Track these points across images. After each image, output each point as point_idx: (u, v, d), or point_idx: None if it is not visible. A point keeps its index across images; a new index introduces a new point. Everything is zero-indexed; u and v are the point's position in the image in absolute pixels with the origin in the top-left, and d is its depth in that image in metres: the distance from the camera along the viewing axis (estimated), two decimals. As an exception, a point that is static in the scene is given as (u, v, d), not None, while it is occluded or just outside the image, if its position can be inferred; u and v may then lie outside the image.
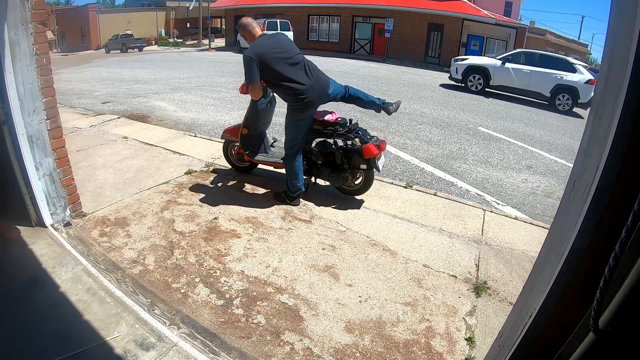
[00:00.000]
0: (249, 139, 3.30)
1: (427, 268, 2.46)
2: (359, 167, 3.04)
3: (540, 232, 3.04)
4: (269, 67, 2.62)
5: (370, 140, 3.00)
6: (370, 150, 2.89)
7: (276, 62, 2.64)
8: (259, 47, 2.64)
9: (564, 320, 0.66)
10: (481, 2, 21.15)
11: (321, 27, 23.43)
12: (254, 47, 2.65)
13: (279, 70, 2.64)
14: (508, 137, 6.50)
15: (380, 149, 2.95)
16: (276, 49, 2.67)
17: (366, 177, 3.13)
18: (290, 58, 2.72)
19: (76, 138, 4.64)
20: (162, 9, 35.86)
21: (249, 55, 2.57)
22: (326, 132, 3.06)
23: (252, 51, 2.60)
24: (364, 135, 3.01)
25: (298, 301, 2.09)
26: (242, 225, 2.83)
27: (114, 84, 9.47)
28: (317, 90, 2.80)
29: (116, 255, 2.41)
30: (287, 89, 2.72)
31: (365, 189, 3.20)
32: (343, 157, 3.05)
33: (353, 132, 3.03)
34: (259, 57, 2.59)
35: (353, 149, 3.00)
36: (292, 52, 2.75)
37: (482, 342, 1.88)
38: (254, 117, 3.21)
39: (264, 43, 2.68)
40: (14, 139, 2.34)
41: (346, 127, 3.04)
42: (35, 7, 2.29)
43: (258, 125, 3.30)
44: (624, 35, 0.56)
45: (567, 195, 0.75)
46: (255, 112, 3.19)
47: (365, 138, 2.99)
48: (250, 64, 2.57)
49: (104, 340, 1.73)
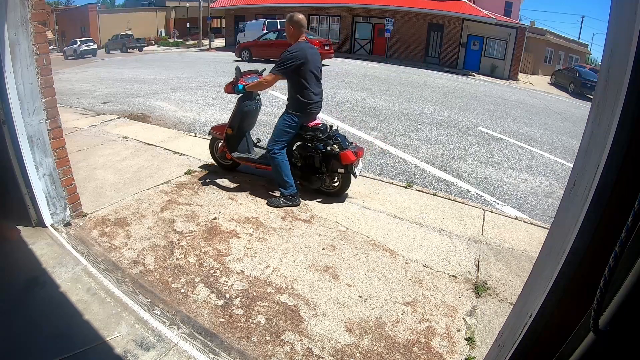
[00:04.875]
0: (233, 138, 3.42)
1: (427, 268, 2.46)
2: (336, 171, 3.16)
3: (540, 232, 3.04)
4: (304, 70, 2.91)
5: (349, 146, 3.09)
6: (347, 157, 3.01)
7: (311, 69, 2.95)
8: (307, 51, 2.92)
9: (564, 320, 0.66)
10: (481, 2, 21.15)
11: (321, 27, 23.41)
12: (304, 48, 2.92)
13: (308, 77, 2.94)
14: (508, 137, 6.50)
15: (358, 156, 3.08)
16: (314, 59, 3.00)
17: (343, 180, 3.23)
18: (318, 73, 3.06)
19: (76, 138, 4.64)
20: (162, 9, 35.88)
21: (298, 52, 2.86)
22: (306, 137, 3.15)
23: (302, 51, 2.89)
24: (343, 141, 3.11)
25: (298, 301, 2.09)
26: (242, 225, 2.83)
27: (114, 84, 9.47)
28: (319, 106, 3.13)
29: (116, 255, 2.41)
30: (303, 95, 2.97)
31: (342, 191, 3.30)
32: (322, 161, 3.15)
33: (332, 138, 3.12)
34: (304, 58, 2.88)
35: (332, 153, 3.09)
36: (320, 68, 3.11)
37: (482, 342, 1.88)
38: (238, 118, 3.33)
39: (309, 50, 2.96)
40: (14, 139, 2.34)
41: (326, 132, 3.14)
42: (35, 7, 2.29)
43: (242, 126, 3.43)
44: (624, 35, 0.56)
45: (567, 195, 0.75)
46: (240, 113, 3.32)
47: (344, 144, 3.09)
48: (293, 58, 2.85)
49: (104, 340, 1.73)
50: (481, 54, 19.98)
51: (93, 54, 23.13)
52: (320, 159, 3.14)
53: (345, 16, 22.12)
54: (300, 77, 2.92)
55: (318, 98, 3.07)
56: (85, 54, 22.63)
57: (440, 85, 12.30)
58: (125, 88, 8.85)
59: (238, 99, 3.31)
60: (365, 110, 7.39)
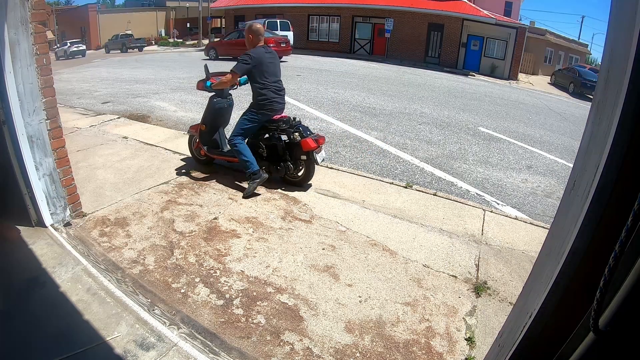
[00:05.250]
0: (207, 135, 3.64)
1: (427, 268, 2.46)
2: (299, 159, 3.39)
3: (540, 232, 3.04)
4: (260, 71, 3.20)
5: (310, 135, 3.30)
6: (308, 144, 3.22)
7: (267, 69, 3.23)
8: (262, 54, 3.21)
9: (564, 320, 0.66)
10: (481, 2, 21.14)
11: (321, 27, 23.42)
12: (257, 51, 3.21)
13: (264, 77, 3.23)
14: (508, 137, 6.50)
15: (318, 143, 3.28)
16: (270, 61, 3.27)
17: (307, 168, 3.43)
18: (276, 74, 3.33)
19: (76, 138, 4.64)
20: (162, 9, 35.83)
21: (251, 55, 3.16)
22: (271, 128, 3.38)
23: (256, 54, 3.19)
24: (304, 131, 3.31)
25: (298, 301, 2.09)
26: (242, 225, 2.83)
27: (114, 84, 9.47)
28: (279, 102, 3.38)
29: (116, 255, 2.41)
30: (262, 94, 3.25)
31: (307, 179, 3.49)
32: (285, 150, 3.39)
33: (294, 128, 3.32)
34: (258, 61, 3.17)
35: (294, 142, 3.29)
36: (279, 70, 3.40)
37: (482, 342, 1.88)
38: (211, 115, 3.57)
39: (264, 53, 3.25)
40: (14, 139, 2.34)
41: (289, 123, 3.35)
42: (35, 7, 2.29)
43: (215, 123, 3.63)
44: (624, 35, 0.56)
45: (567, 195, 0.75)
46: (212, 111, 3.55)
47: (305, 134, 3.28)
48: (247, 60, 3.14)
49: (104, 340, 1.73)
50: (481, 54, 19.97)
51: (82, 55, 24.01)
52: (284, 147, 3.37)
53: (345, 16, 22.12)
54: (257, 77, 3.20)
55: (277, 95, 3.31)
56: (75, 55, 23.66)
57: (440, 85, 12.31)
58: (125, 88, 8.85)
59: (210, 98, 3.56)
60: (365, 110, 7.39)
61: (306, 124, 3.50)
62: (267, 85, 3.23)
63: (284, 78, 3.48)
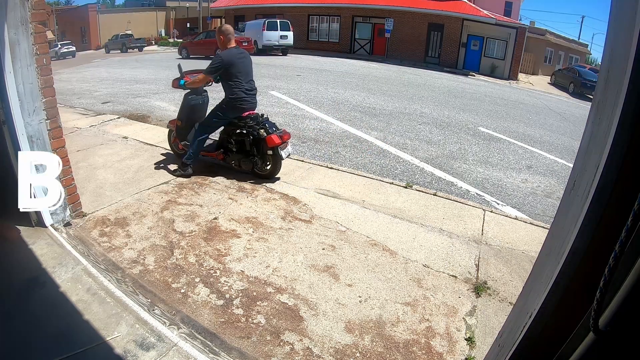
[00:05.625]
0: (183, 130, 3.80)
1: (427, 268, 2.46)
2: (266, 153, 3.54)
3: (540, 232, 3.04)
4: (232, 72, 3.36)
5: (276, 131, 3.48)
6: (272, 140, 3.41)
7: (239, 70, 3.40)
8: (233, 56, 3.39)
9: (564, 320, 0.66)
10: (481, 2, 21.14)
11: (321, 27, 23.41)
12: (228, 53, 3.39)
13: (236, 78, 3.39)
14: (508, 137, 6.50)
15: (283, 139, 3.47)
16: (242, 62, 3.44)
17: (273, 163, 3.58)
18: (248, 74, 3.50)
19: (76, 138, 4.64)
20: (162, 9, 35.81)
21: (222, 58, 3.34)
22: (240, 124, 3.54)
23: (228, 56, 3.36)
24: (270, 127, 3.50)
25: (298, 301, 2.09)
26: (242, 225, 2.83)
27: (114, 84, 9.47)
28: (250, 101, 3.54)
29: (116, 255, 2.41)
30: (232, 93, 3.42)
31: (275, 173, 3.64)
32: (252, 145, 3.54)
33: (260, 125, 3.49)
34: (229, 63, 3.34)
35: (260, 138, 3.47)
36: (250, 70, 3.55)
37: (482, 342, 1.88)
38: (186, 111, 3.74)
39: (236, 54, 3.43)
40: (14, 139, 2.34)
41: (257, 120, 3.52)
42: (35, 7, 2.29)
43: (191, 118, 3.74)
44: (624, 35, 0.56)
45: (567, 195, 0.75)
46: (187, 107, 3.74)
47: (271, 130, 3.47)
48: (218, 64, 3.32)
49: (104, 340, 1.73)
50: (481, 54, 19.97)
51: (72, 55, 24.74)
52: (251, 142, 3.52)
53: (345, 16, 22.12)
54: (229, 78, 3.37)
55: (248, 94, 3.49)
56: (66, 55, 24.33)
57: (440, 85, 12.31)
58: (125, 88, 8.85)
59: (185, 95, 3.74)
60: (365, 110, 7.39)
61: (306, 124, 3.54)
62: (238, 85, 3.40)
63: (284, 78, 3.51)
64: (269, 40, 17.78)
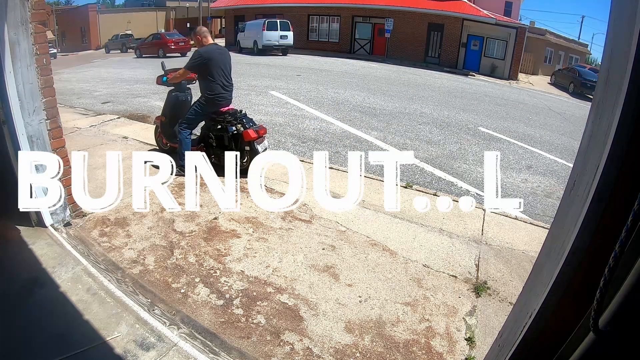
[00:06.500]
0: (167, 126, 3.94)
1: (427, 268, 2.46)
2: (243, 149, 3.62)
3: (540, 232, 3.04)
4: (211, 67, 3.45)
5: (252, 127, 3.59)
6: (249, 135, 3.52)
7: (218, 65, 3.49)
8: (213, 52, 3.51)
9: (564, 320, 0.66)
10: (481, 2, 21.12)
11: (321, 27, 23.39)
12: (207, 49, 3.51)
13: (214, 73, 3.48)
14: (508, 137, 6.50)
15: (259, 134, 3.58)
16: (221, 58, 3.54)
17: (251, 157, 3.59)
18: (225, 69, 3.58)
19: (76, 138, 4.64)
20: (162, 9, 35.80)
21: (201, 53, 3.45)
22: (219, 120, 3.66)
23: (208, 52, 3.47)
24: (247, 122, 3.61)
25: (298, 301, 2.09)
26: (242, 225, 2.83)
27: (114, 84, 9.47)
28: (227, 97, 3.67)
29: (116, 255, 2.41)
30: (210, 88, 3.51)
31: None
32: (230, 140, 3.64)
33: (238, 120, 3.59)
34: (208, 58, 3.44)
35: (238, 133, 3.57)
36: (229, 66, 3.65)
37: (482, 342, 1.88)
38: (169, 108, 3.88)
39: (216, 50, 3.56)
40: (14, 139, 2.34)
41: (235, 116, 3.63)
42: (35, 7, 2.29)
43: (175, 115, 3.85)
44: (624, 35, 0.56)
45: (567, 195, 0.75)
46: (170, 104, 3.87)
47: (248, 125, 3.58)
48: (200, 57, 3.43)
49: (104, 340, 1.73)
50: (481, 54, 19.95)
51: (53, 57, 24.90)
52: (229, 137, 3.62)
53: (345, 16, 22.10)
54: (208, 73, 3.46)
55: (225, 90, 3.59)
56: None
57: (440, 85, 12.31)
58: (125, 88, 8.84)
59: (169, 91, 3.87)
60: (365, 110, 7.38)
61: (306, 124, 3.55)
62: (216, 79, 3.50)
63: (284, 78, 3.51)
64: (269, 40, 17.78)
